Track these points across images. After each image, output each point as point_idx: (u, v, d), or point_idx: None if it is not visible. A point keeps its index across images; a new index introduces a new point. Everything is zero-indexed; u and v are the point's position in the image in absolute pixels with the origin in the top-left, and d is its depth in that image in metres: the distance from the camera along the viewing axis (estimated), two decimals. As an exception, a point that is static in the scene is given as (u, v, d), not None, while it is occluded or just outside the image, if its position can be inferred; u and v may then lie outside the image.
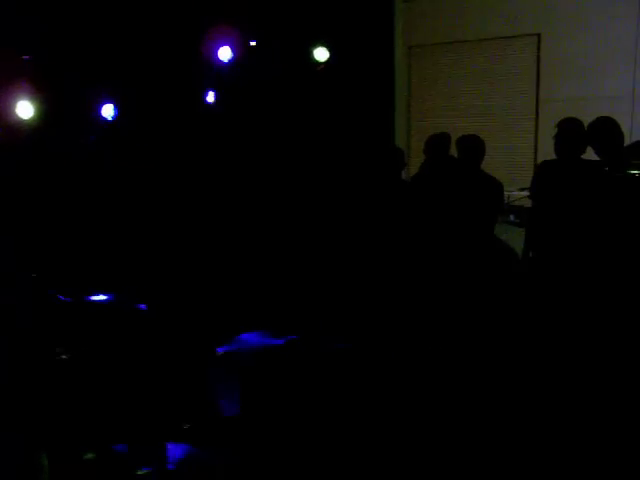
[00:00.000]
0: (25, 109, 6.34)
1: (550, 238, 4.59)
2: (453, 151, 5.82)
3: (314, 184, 7.20)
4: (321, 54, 7.61)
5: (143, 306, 4.80)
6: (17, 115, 6.17)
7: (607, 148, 4.42)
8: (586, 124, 4.56)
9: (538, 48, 7.95)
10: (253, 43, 7.74)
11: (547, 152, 5.85)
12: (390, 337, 4.59)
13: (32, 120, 6.43)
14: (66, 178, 6.72)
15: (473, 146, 5.49)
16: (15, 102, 6.11)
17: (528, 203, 7.12)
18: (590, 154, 4.53)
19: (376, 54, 8.17)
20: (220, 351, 4.24)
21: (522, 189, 6.78)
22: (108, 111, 7.11)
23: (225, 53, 7.50)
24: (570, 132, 4.58)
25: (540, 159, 7.53)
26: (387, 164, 5.84)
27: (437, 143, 6.00)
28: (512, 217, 6.29)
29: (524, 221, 6.05)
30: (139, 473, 3.52)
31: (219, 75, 7.50)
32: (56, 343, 4.46)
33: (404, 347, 4.47)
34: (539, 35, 7.97)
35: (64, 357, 4.35)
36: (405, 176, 6.25)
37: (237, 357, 4.21)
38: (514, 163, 6.64)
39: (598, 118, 4.50)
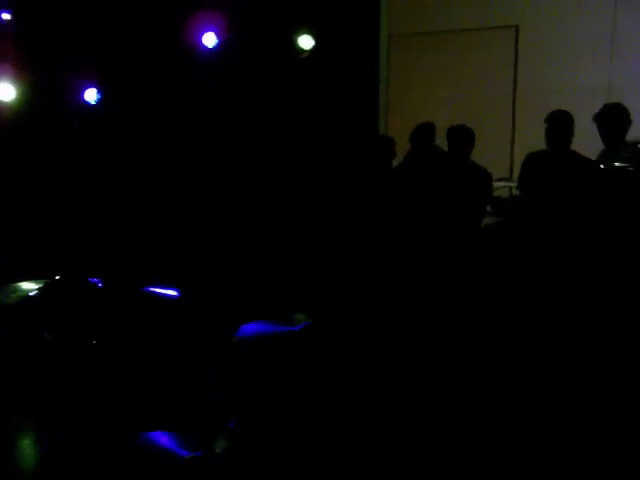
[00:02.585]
0: (5, 91, 6.32)
1: (541, 228, 4.64)
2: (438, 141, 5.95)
3: (302, 173, 7.26)
4: (306, 42, 7.65)
5: (172, 293, 4.85)
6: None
7: (613, 133, 4.62)
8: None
9: (516, 40, 8.04)
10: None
11: (525, 144, 5.97)
12: (379, 326, 4.64)
13: (14, 103, 6.44)
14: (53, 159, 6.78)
15: (462, 136, 5.60)
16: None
17: (505, 194, 7.27)
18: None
19: (360, 42, 8.17)
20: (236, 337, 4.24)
21: (499, 179, 6.92)
22: (91, 95, 7.13)
23: (210, 39, 7.53)
24: (562, 123, 4.70)
25: (517, 151, 7.68)
26: (377, 154, 5.89)
27: (421, 133, 6.09)
28: (489, 207, 6.42)
29: (500, 212, 6.20)
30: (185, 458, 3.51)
31: (203, 61, 7.53)
32: (91, 329, 4.56)
33: (396, 336, 4.52)
34: (517, 27, 8.04)
35: (95, 343, 4.43)
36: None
37: (249, 344, 4.22)
38: (491, 154, 6.76)
39: (609, 104, 4.77)
